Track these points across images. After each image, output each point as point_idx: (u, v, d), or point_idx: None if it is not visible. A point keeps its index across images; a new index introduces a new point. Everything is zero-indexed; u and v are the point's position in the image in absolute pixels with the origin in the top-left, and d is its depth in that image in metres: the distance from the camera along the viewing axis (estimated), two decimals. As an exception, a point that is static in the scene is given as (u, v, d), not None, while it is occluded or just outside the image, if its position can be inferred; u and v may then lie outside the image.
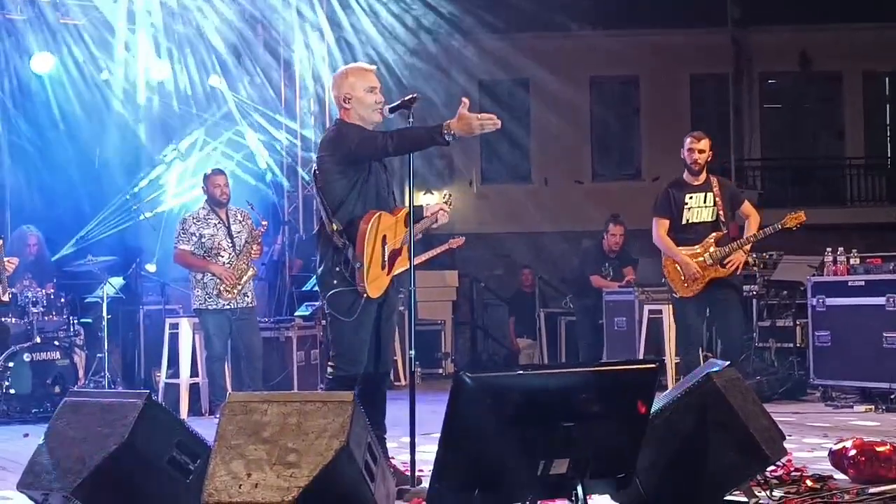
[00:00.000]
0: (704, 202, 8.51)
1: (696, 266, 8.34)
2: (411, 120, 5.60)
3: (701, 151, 8.49)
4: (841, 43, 20.34)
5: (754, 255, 8.93)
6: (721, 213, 8.48)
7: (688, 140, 8.57)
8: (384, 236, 5.64)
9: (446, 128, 5.34)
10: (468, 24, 15.48)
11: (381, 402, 5.84)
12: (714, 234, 8.44)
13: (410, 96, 5.64)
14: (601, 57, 20.04)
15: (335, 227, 5.62)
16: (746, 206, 8.73)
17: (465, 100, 5.41)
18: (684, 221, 8.52)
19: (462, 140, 5.59)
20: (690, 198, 8.51)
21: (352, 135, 5.63)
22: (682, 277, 8.44)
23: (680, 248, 8.47)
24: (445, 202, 6.26)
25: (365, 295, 5.58)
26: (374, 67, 5.94)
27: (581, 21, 18.24)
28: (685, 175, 8.60)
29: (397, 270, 5.76)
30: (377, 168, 5.75)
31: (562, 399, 4.17)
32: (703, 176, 8.56)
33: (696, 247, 8.43)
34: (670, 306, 10.25)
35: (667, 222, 8.55)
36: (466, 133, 5.37)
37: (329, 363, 5.83)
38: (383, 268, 5.66)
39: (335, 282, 5.65)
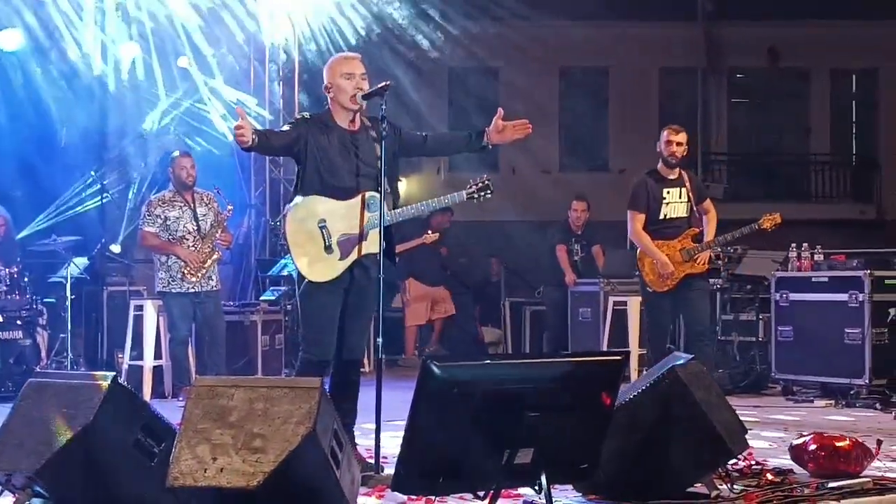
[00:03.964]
0: (680, 197, 8.33)
1: (673, 267, 8.18)
2: (384, 107, 5.59)
3: (679, 144, 8.27)
4: (810, 40, 20.43)
5: (720, 249, 8.85)
6: (694, 208, 8.35)
7: (666, 132, 8.33)
8: (322, 220, 5.65)
9: None
10: (437, 11, 15.41)
11: (351, 390, 5.85)
12: (690, 229, 8.32)
13: (384, 84, 5.64)
14: (572, 47, 20.05)
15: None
16: (707, 203, 8.55)
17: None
18: (662, 216, 8.32)
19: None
20: (668, 192, 8.32)
21: None
22: (659, 274, 8.28)
23: (657, 241, 8.28)
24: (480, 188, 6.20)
25: (308, 279, 5.68)
26: (358, 56, 5.92)
27: (553, 10, 18.22)
28: (661, 168, 8.37)
29: (354, 256, 5.71)
30: (328, 155, 5.71)
31: (528, 389, 4.19)
32: (676, 170, 8.38)
33: (674, 241, 8.27)
34: (638, 299, 10.27)
35: (643, 217, 8.32)
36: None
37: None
38: (329, 252, 5.66)
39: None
